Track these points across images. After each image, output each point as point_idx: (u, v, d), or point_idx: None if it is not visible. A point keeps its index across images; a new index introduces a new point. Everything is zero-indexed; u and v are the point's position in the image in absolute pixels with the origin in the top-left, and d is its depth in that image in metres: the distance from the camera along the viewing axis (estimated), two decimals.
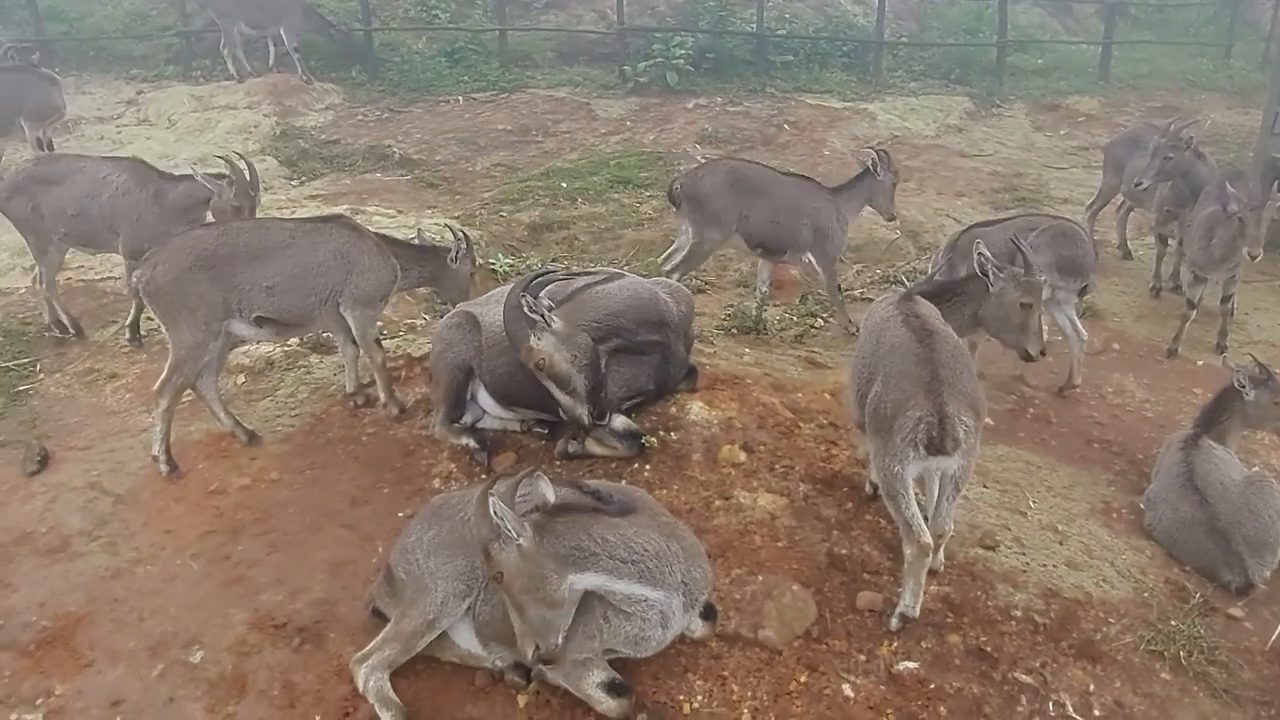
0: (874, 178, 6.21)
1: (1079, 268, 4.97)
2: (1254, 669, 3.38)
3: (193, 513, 4.00)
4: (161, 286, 4.13)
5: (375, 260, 4.46)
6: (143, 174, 5.48)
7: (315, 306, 4.41)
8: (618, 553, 2.66)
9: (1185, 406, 5.35)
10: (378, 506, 3.98)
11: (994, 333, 3.81)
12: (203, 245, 4.25)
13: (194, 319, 4.16)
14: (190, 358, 4.21)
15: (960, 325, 3.55)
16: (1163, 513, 4.06)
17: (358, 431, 4.59)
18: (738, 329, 5.98)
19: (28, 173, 5.56)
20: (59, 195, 5.35)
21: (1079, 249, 4.96)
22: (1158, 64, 12.37)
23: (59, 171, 5.50)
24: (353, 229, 4.54)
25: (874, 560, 3.49)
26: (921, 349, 2.98)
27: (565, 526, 2.66)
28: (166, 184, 5.47)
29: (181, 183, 5.43)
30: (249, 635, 3.27)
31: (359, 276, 4.42)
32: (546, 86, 11.58)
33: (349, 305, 4.42)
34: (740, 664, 2.98)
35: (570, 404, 3.82)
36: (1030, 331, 3.59)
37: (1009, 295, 3.48)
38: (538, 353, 3.73)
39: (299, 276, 4.32)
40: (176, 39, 11.77)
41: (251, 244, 4.31)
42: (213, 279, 4.16)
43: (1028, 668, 3.13)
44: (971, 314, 3.54)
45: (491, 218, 8.13)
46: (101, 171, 5.45)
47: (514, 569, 2.60)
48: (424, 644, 2.95)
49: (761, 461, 3.91)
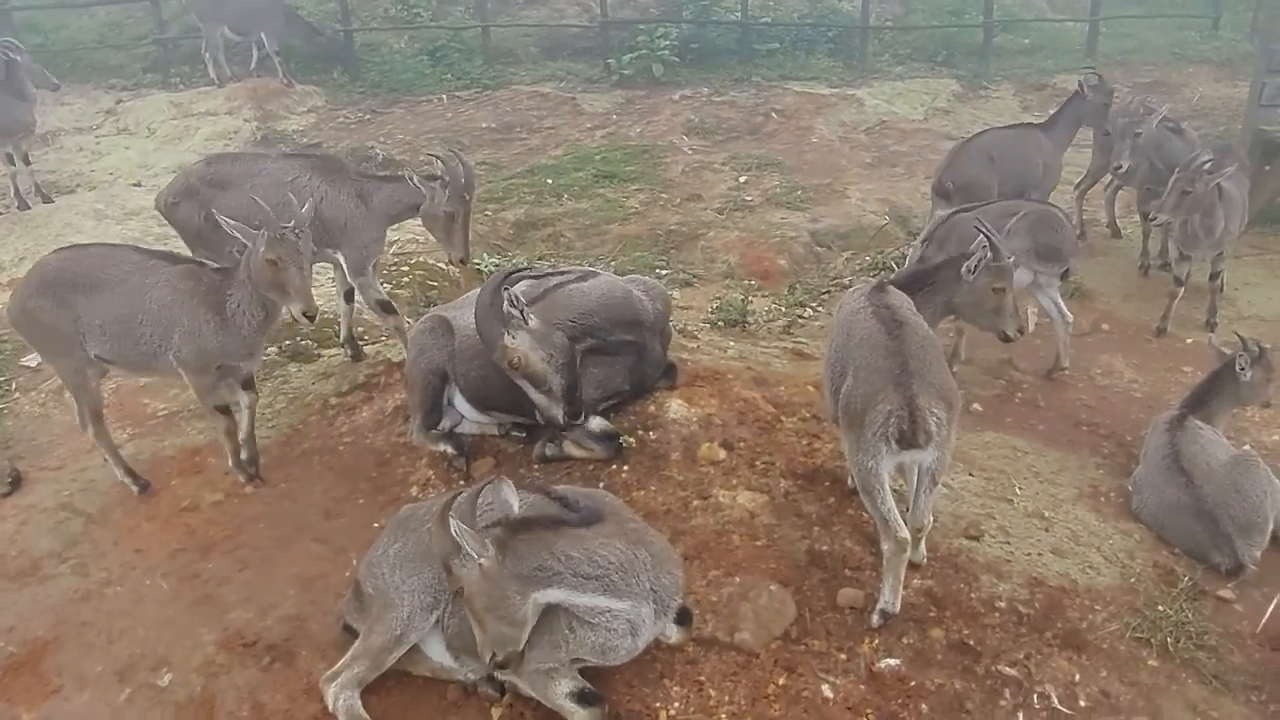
0: (1083, 99, 6.57)
1: (1059, 252, 4.91)
2: (1244, 653, 3.31)
3: (164, 531, 3.94)
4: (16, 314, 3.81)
5: (201, 319, 3.77)
6: (337, 173, 4.77)
7: (150, 355, 3.86)
8: (581, 569, 2.61)
9: (1174, 385, 5.28)
10: (351, 519, 3.92)
11: (970, 319, 3.75)
12: (47, 270, 3.83)
13: (53, 347, 3.87)
14: (77, 384, 3.97)
15: (934, 313, 3.49)
16: (1149, 496, 4.00)
17: (334, 441, 4.53)
18: (724, 322, 5.91)
19: (198, 174, 4.81)
20: (236, 201, 4.48)
21: (1058, 234, 4.90)
22: (1144, 38, 12.22)
23: (235, 173, 4.76)
24: (189, 277, 3.84)
25: (856, 556, 3.43)
26: (891, 341, 2.92)
27: (528, 545, 2.60)
28: (369, 184, 4.78)
29: (387, 185, 4.80)
30: (218, 655, 3.21)
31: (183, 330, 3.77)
32: (530, 82, 11.48)
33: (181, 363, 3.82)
34: (717, 668, 2.92)
35: (546, 404, 3.75)
36: (1005, 314, 3.53)
37: (981, 280, 3.42)
38: (512, 351, 3.65)
39: (125, 320, 3.78)
40: (154, 47, 11.68)
41: (91, 273, 3.80)
42: (57, 306, 3.76)
43: (1011, 660, 3.07)
44: (945, 302, 3.47)
45: (476, 217, 8.00)
46: (289, 172, 4.72)
47: (475, 586, 2.55)
48: (393, 659, 2.90)
49: (741, 458, 3.85)
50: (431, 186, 4.64)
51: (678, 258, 7.37)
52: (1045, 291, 4.98)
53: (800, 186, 8.43)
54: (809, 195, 8.24)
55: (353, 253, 4.79)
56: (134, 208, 8.33)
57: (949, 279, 3.44)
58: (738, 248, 7.37)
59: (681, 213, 8.04)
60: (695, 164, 9.17)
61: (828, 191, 8.36)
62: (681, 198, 8.36)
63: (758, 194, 8.34)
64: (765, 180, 8.66)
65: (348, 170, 4.88)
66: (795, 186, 8.42)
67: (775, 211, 7.94)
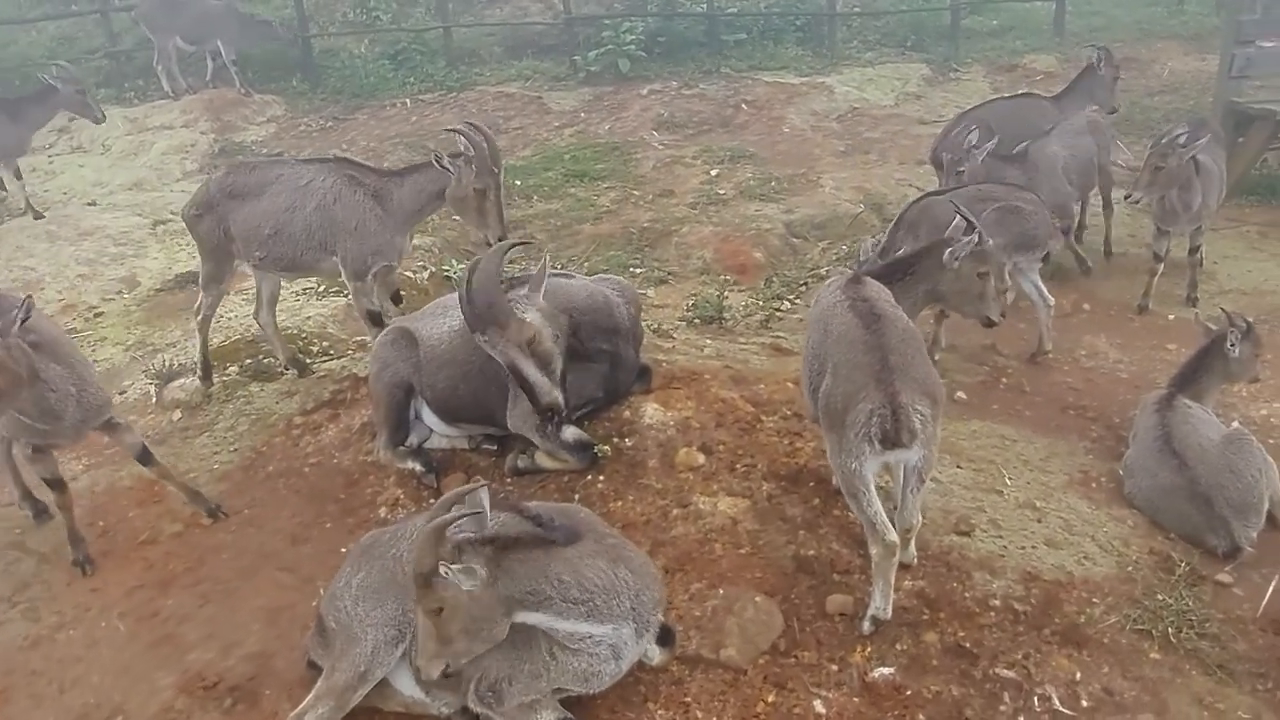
0: (1096, 72, 6.57)
1: (1035, 240, 4.81)
2: (1247, 639, 3.22)
3: (121, 567, 3.75)
4: None
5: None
6: (355, 172, 4.61)
7: None
8: (570, 593, 2.47)
9: (1159, 364, 5.20)
10: (319, 544, 3.74)
11: (954, 306, 3.63)
12: None
13: None
14: None
15: (915, 303, 3.36)
16: (1141, 480, 3.90)
17: (299, 462, 4.35)
18: (700, 319, 5.77)
19: (217, 184, 4.68)
20: (254, 209, 4.49)
21: (1031, 222, 4.80)
22: (1112, 15, 12.21)
23: (253, 182, 4.60)
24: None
25: (844, 559, 3.29)
26: (869, 335, 2.78)
27: (522, 566, 2.46)
28: (388, 183, 4.57)
29: (410, 176, 4.57)
30: (176, 700, 3.03)
31: None
32: (495, 83, 11.26)
33: None
34: (704, 688, 2.78)
35: (548, 388, 3.48)
36: (989, 299, 3.42)
37: (965, 267, 3.29)
38: (529, 327, 3.44)
39: None
40: (106, 60, 11.35)
41: None
42: None
43: (1009, 661, 2.95)
44: (927, 290, 3.34)
45: (445, 223, 7.85)
46: (305, 175, 4.57)
47: (457, 607, 2.39)
48: (359, 698, 2.73)
49: (721, 462, 3.70)
50: (457, 164, 4.37)
51: (651, 255, 7.22)
52: (1026, 275, 4.88)
53: (774, 177, 8.30)
54: (783, 186, 8.12)
55: (356, 256, 4.54)
56: (88, 228, 8.06)
57: (930, 267, 3.31)
58: (712, 242, 7.22)
59: (654, 209, 7.90)
60: (666, 159, 9.02)
61: (801, 181, 8.25)
62: (654, 194, 8.21)
63: (731, 187, 8.20)
64: (738, 173, 8.52)
65: (367, 170, 4.68)
66: (769, 178, 8.29)
67: (749, 204, 7.80)
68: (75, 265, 7.37)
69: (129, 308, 6.72)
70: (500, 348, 3.45)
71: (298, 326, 5.81)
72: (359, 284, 4.59)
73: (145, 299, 6.82)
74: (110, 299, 6.89)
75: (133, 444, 3.83)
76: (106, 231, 8.02)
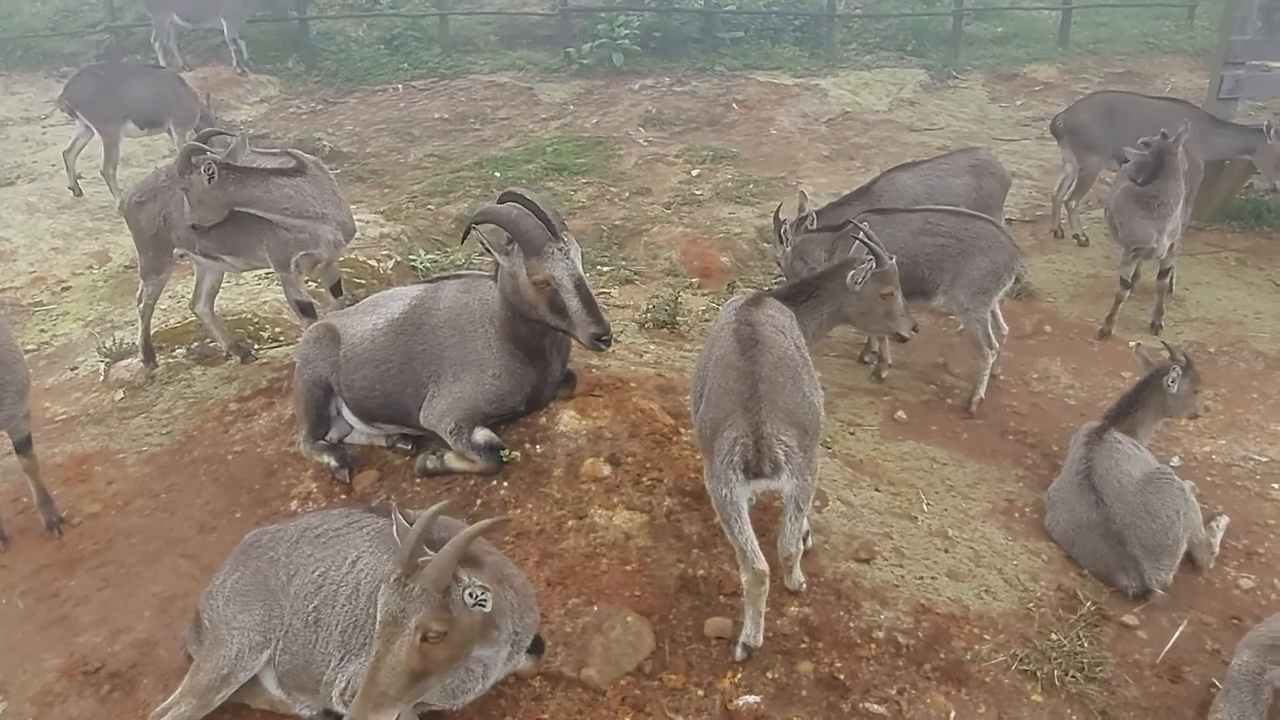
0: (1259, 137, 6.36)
1: (998, 275, 4.60)
2: (1140, 685, 3.15)
3: (34, 545, 3.78)
4: None
5: None
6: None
7: None
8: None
9: (1110, 392, 5.09)
10: (225, 533, 3.75)
11: (862, 327, 3.57)
12: None
13: None
14: None
15: (820, 324, 3.30)
16: (1061, 513, 3.84)
17: (224, 449, 4.36)
18: (654, 323, 5.73)
19: (168, 172, 4.56)
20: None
21: (989, 257, 4.56)
22: (1119, 27, 11.97)
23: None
24: None
25: (733, 581, 3.25)
26: (743, 362, 2.73)
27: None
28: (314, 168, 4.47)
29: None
30: (57, 683, 3.06)
31: None
32: (488, 72, 11.24)
33: None
34: (562, 706, 2.76)
35: (598, 313, 3.50)
36: (896, 316, 3.36)
37: (868, 289, 3.24)
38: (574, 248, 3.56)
39: None
40: (106, 34, 11.43)
41: None
42: None
43: (882, 696, 2.91)
44: (832, 312, 3.29)
45: (418, 211, 7.86)
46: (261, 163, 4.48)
47: (466, 631, 2.29)
48: (221, 699, 2.73)
49: (627, 475, 3.67)
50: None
51: (620, 254, 7.17)
52: (974, 316, 4.67)
53: (753, 180, 8.22)
54: (760, 189, 8.04)
55: (277, 245, 4.52)
56: (68, 201, 8.15)
57: (834, 289, 3.25)
58: (681, 244, 7.16)
59: (628, 207, 7.84)
60: (649, 156, 8.96)
61: (780, 185, 8.16)
62: (630, 191, 8.15)
63: (708, 188, 8.13)
64: (718, 174, 8.45)
65: (303, 159, 4.58)
66: (748, 180, 8.21)
67: (724, 206, 7.73)
68: (50, 238, 7.46)
69: (96, 283, 6.78)
70: (562, 283, 3.48)
71: (252, 311, 5.83)
72: (285, 274, 4.59)
73: (114, 274, 6.88)
74: (79, 274, 6.95)
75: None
76: (85, 205, 8.10)
